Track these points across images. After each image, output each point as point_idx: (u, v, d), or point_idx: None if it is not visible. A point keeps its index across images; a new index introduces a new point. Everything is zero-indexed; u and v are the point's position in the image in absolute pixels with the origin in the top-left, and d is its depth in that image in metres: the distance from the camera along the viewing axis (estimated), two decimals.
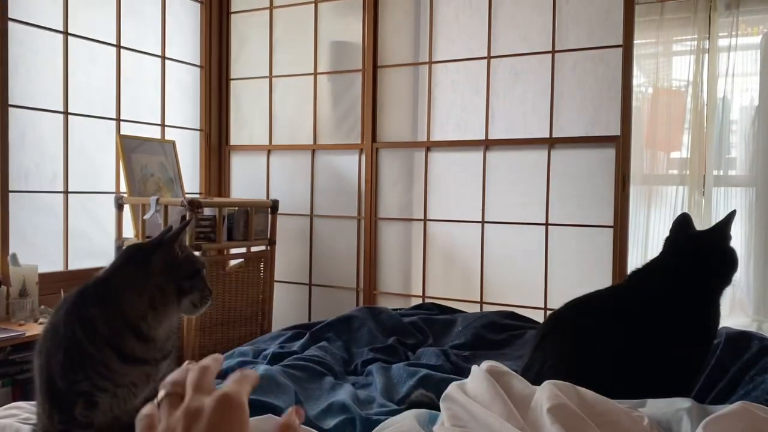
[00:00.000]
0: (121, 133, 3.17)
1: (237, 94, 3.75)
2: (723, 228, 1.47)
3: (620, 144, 2.76)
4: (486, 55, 3.05)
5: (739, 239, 3.62)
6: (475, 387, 1.05)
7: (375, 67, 3.31)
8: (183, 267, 1.21)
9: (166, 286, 1.18)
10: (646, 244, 4.06)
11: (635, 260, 3.46)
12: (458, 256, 3.15)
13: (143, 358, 1.16)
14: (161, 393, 0.56)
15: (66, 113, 2.94)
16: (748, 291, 3.80)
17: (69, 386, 1.11)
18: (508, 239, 3.02)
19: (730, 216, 1.49)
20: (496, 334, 2.19)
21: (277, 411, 1.27)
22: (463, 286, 3.13)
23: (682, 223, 1.53)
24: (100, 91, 3.13)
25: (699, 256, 1.47)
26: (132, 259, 1.20)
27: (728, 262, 1.46)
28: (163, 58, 3.44)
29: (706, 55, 3.93)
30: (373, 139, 3.32)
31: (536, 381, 1.37)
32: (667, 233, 1.56)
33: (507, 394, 1.00)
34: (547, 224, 2.93)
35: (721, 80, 3.92)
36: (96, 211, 3.11)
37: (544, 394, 0.97)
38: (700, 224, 4.02)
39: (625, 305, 1.51)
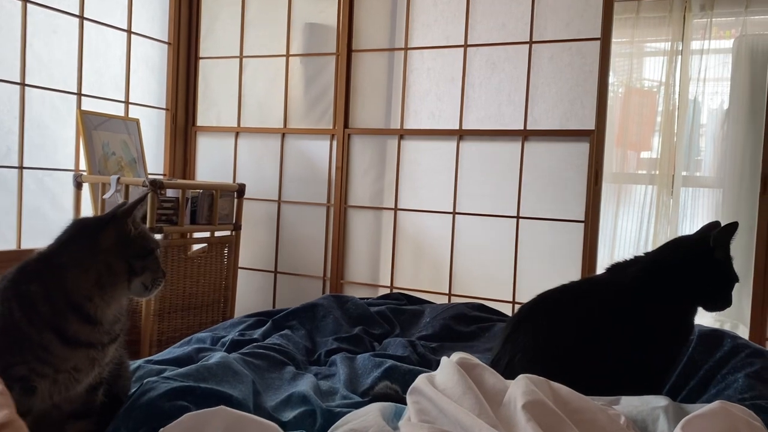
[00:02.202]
0: (82, 108, 3.03)
1: (205, 74, 3.63)
2: (713, 238, 1.41)
3: (594, 138, 2.73)
4: (463, 43, 2.99)
5: None
6: (445, 380, 0.99)
7: (349, 51, 3.22)
8: (135, 245, 1.13)
9: (116, 265, 1.09)
10: (614, 241, 4.07)
11: (603, 257, 3.46)
12: (428, 247, 3.10)
13: (88, 342, 1.07)
14: None
15: (23, 84, 2.80)
16: None
17: (3, 370, 1.02)
18: (478, 231, 2.98)
19: (730, 228, 1.40)
20: (465, 326, 2.14)
21: (232, 401, 1.19)
22: (432, 277, 3.08)
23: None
24: (60, 64, 2.98)
25: (679, 258, 1.44)
26: (79, 233, 1.12)
27: (706, 274, 1.40)
28: (129, 32, 3.30)
29: (679, 56, 3.94)
30: (346, 124, 3.24)
31: (506, 373, 1.33)
32: (634, 232, 1.52)
33: (479, 388, 0.94)
34: (518, 217, 2.90)
35: (693, 83, 3.94)
36: (53, 188, 2.97)
37: (519, 389, 0.91)
38: (667, 224, 4.05)
39: (599, 298, 1.47)
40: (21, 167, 2.81)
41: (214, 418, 0.90)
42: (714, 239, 1.40)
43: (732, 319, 3.77)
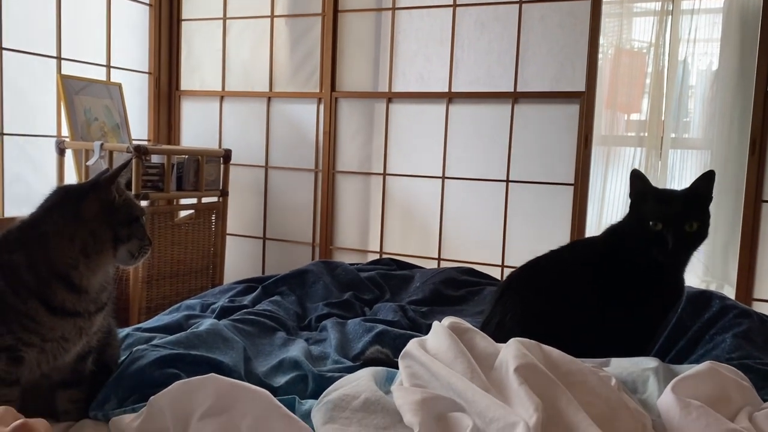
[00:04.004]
0: (63, 73, 2.96)
1: (188, 36, 3.54)
2: (694, 189, 1.43)
3: (584, 100, 2.71)
4: (452, 2, 2.93)
5: None
6: (437, 344, 0.99)
7: (336, 11, 3.15)
8: (120, 212, 1.10)
9: (101, 233, 1.07)
10: (602, 204, 4.08)
11: (592, 220, 3.46)
12: (417, 212, 3.09)
13: (75, 310, 1.05)
14: None
15: (0, 48, 2.72)
16: (698, 252, 3.86)
17: None
18: (468, 195, 2.97)
19: (708, 177, 1.41)
20: (455, 290, 2.14)
21: (223, 368, 1.19)
22: (421, 242, 3.08)
23: (641, 176, 1.50)
24: (39, 27, 2.90)
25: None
26: (62, 201, 1.09)
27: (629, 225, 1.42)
28: None
29: (670, 17, 3.89)
30: (333, 88, 3.19)
31: (496, 333, 1.33)
32: (623, 194, 1.54)
33: (470, 353, 0.94)
34: (507, 181, 2.88)
35: (683, 43, 3.90)
36: (35, 155, 2.92)
37: (510, 352, 0.91)
38: (655, 186, 4.07)
39: (587, 259, 1.48)
40: (1, 134, 2.75)
41: (204, 385, 0.89)
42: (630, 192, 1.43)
43: (718, 280, 3.81)
